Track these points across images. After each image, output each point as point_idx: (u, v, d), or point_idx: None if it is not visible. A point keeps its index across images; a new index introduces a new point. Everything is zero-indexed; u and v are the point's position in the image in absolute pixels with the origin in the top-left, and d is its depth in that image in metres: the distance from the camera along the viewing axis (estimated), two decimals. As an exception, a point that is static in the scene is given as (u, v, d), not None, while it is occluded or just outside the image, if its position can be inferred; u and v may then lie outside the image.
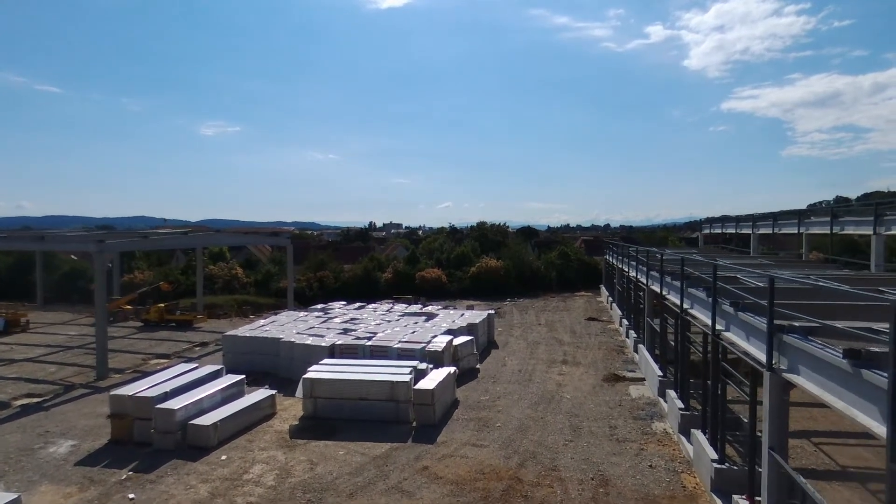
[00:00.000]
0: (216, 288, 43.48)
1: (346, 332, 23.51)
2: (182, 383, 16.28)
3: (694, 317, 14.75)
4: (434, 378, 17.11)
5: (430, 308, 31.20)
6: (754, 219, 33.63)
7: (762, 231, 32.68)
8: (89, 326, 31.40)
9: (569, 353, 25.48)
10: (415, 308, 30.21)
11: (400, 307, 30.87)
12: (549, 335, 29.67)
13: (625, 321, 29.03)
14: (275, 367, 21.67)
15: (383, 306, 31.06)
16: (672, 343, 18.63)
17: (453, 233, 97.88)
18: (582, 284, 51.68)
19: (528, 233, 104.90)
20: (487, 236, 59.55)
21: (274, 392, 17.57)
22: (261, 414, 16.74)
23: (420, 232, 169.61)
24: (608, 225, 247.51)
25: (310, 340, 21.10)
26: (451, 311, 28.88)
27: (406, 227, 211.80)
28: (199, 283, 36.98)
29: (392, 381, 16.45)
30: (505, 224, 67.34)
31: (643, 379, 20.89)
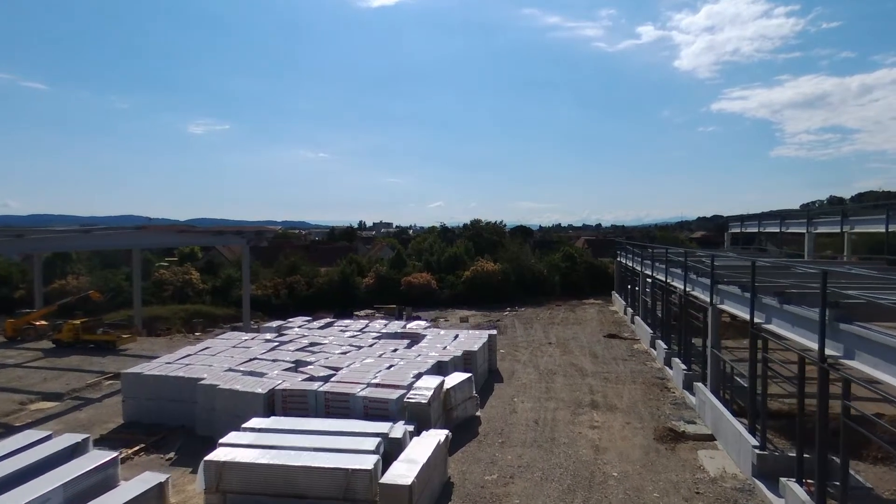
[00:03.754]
0: (165, 296, 37.01)
1: (297, 366, 17.26)
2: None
3: (847, 368, 8.76)
4: (415, 457, 10.92)
5: (415, 325, 25.00)
6: (809, 215, 27.77)
7: (823, 230, 26.81)
8: (-14, 348, 24.90)
9: (596, 388, 19.37)
10: (396, 326, 23.99)
11: (378, 324, 24.63)
12: (564, 360, 23.56)
13: (661, 343, 22.97)
14: (192, 419, 15.36)
15: (356, 324, 24.80)
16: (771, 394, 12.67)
17: (444, 232, 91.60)
18: (590, 290, 45.73)
19: (523, 232, 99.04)
20: (483, 235, 53.41)
21: (164, 479, 11.22)
22: (138, 518, 10.43)
23: (410, 231, 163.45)
24: (599, 224, 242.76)
25: (240, 385, 14.79)
26: (442, 332, 22.65)
27: (396, 227, 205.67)
28: (136, 290, 30.50)
29: (347, 470, 10.23)
30: (501, 223, 61.21)
31: (712, 438, 14.79)
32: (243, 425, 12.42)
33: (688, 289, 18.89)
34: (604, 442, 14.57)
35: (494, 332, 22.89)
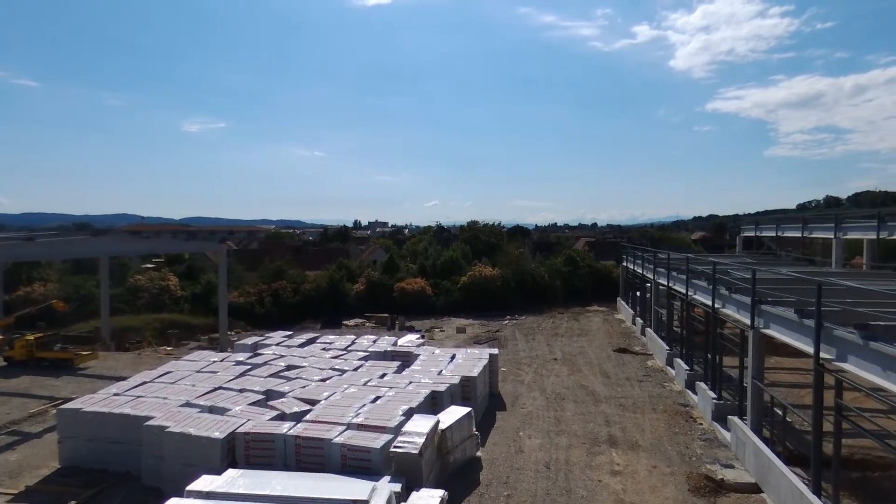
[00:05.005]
0: (140, 304, 34.46)
1: (268, 397, 14.85)
2: None
3: None
4: (401, 536, 8.51)
5: (407, 340, 22.59)
6: (838, 219, 25.47)
7: (854, 235, 24.55)
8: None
9: (612, 418, 16.99)
10: (385, 343, 21.55)
11: (365, 340, 22.18)
12: (573, 381, 21.20)
13: (680, 363, 20.62)
14: (139, 465, 12.90)
15: (342, 340, 22.34)
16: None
17: (440, 232, 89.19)
18: (593, 296, 43.42)
19: (520, 233, 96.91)
20: (480, 238, 50.99)
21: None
22: None
23: (406, 231, 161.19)
24: (595, 224, 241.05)
25: (193, 427, 12.32)
26: (437, 352, 20.23)
27: (392, 226, 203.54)
28: (103, 300, 27.93)
29: (310, 562, 7.81)
30: (500, 224, 58.73)
31: (758, 488, 12.43)
32: (188, 488, 9.98)
33: (717, 306, 16.55)
34: (630, 494, 12.21)
35: (496, 351, 20.48)
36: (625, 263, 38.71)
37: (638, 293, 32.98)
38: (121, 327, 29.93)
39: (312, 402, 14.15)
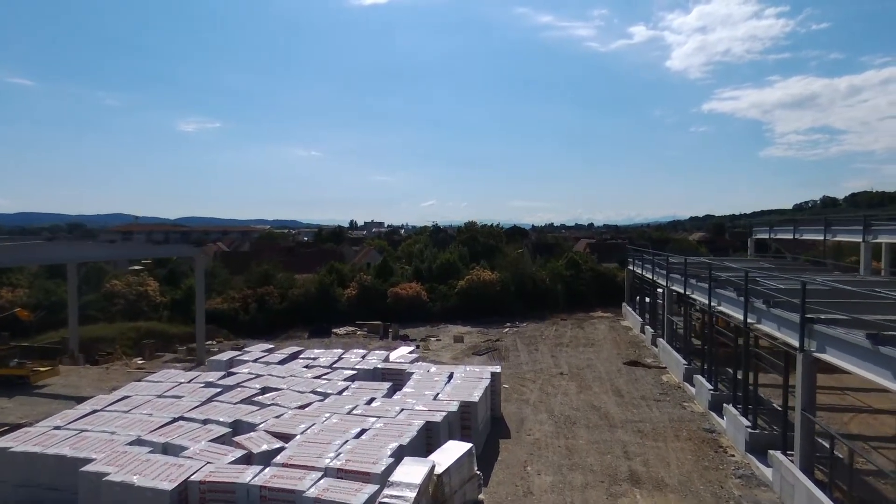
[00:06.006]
0: (115, 311, 32.27)
1: (235, 430, 12.80)
2: None
3: None
4: None
5: (399, 354, 20.54)
6: (867, 221, 23.50)
7: (883, 239, 22.61)
8: None
9: (631, 449, 14.97)
10: (376, 358, 19.48)
11: (354, 355, 20.09)
12: (582, 401, 19.18)
13: (701, 381, 18.57)
14: (76, 517, 10.82)
15: (328, 354, 20.25)
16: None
17: (436, 232, 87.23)
18: (596, 300, 41.36)
19: (518, 234, 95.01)
20: (478, 239, 48.90)
21: None
22: None
23: (402, 231, 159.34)
24: (592, 224, 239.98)
25: (137, 476, 10.22)
26: (433, 369, 18.15)
27: (388, 226, 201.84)
28: (71, 310, 25.73)
29: None
30: (499, 225, 56.62)
31: (815, 545, 10.43)
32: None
33: (751, 321, 14.56)
34: (663, 554, 10.19)
35: (498, 368, 18.42)
36: (631, 267, 36.77)
37: (647, 299, 31.06)
38: (92, 337, 27.77)
39: (286, 438, 12.10)
